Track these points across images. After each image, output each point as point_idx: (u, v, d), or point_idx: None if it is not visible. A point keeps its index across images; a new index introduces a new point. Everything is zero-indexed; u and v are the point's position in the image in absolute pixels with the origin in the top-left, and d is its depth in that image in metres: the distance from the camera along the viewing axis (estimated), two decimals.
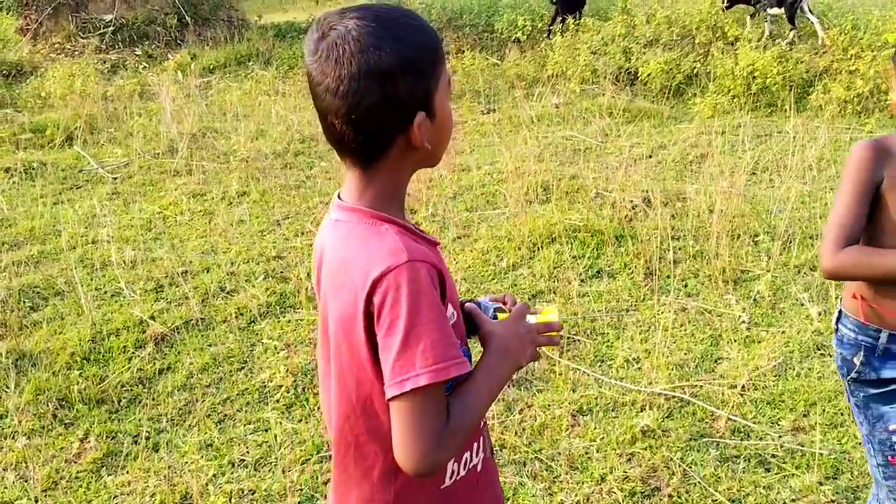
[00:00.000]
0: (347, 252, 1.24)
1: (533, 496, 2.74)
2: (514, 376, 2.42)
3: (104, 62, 10.95)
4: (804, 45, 8.43)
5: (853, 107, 7.09)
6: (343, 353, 1.25)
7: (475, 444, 1.39)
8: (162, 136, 7.16)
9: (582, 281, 4.25)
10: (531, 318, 1.41)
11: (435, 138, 1.25)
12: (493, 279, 4.34)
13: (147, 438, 3.15)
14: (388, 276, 1.15)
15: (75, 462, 3.05)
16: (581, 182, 5.54)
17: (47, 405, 3.35)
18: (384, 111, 1.18)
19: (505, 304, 1.52)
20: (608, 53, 8.89)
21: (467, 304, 1.42)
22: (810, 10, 8.91)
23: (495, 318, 1.45)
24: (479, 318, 1.39)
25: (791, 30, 9.03)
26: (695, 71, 8.26)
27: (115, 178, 6.40)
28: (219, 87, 9.50)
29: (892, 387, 1.93)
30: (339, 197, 1.30)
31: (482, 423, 1.43)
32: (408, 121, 1.20)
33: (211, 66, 10.70)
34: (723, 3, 9.39)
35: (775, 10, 9.24)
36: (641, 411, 3.14)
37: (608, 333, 3.75)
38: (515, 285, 4.25)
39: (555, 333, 1.41)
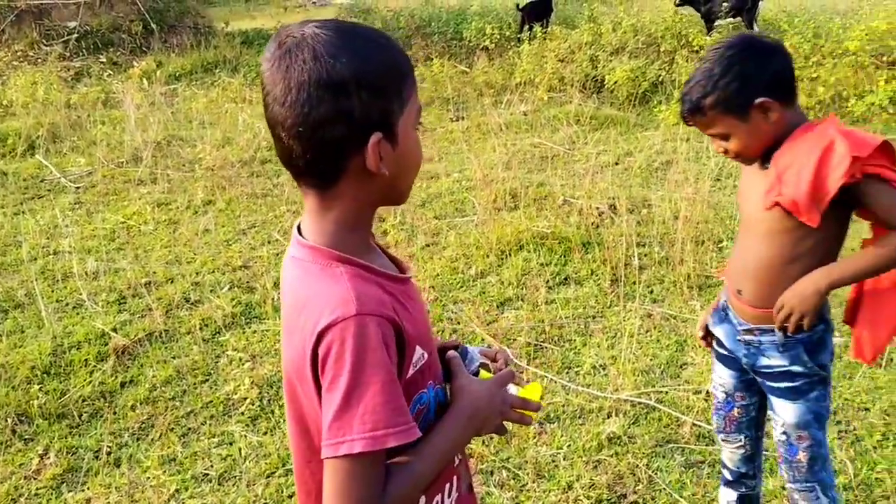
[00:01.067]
0: (300, 295, 1.18)
1: None
2: None
3: (68, 70, 10.81)
4: None
5: (815, 114, 7.18)
6: (300, 397, 1.20)
7: (447, 485, 1.33)
8: (126, 145, 7.07)
9: (549, 288, 4.25)
10: (512, 389, 1.34)
11: (397, 168, 1.16)
12: (461, 287, 4.34)
13: (108, 453, 3.10)
14: (335, 328, 1.08)
15: (35, 478, 2.99)
16: (549, 189, 5.57)
17: (6, 420, 3.28)
18: (335, 126, 1.09)
19: (495, 360, 1.46)
20: (575, 61, 8.95)
21: (450, 353, 1.36)
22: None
23: (477, 373, 1.39)
24: (456, 368, 1.32)
25: None
26: (660, 78, 8.34)
27: (78, 188, 6.31)
28: (185, 94, 9.41)
29: (716, 347, 2.26)
30: (298, 230, 1.23)
31: (457, 462, 1.37)
32: (362, 141, 1.11)
33: (177, 74, 10.60)
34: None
35: (730, 20, 9.41)
36: (608, 418, 3.15)
37: (575, 340, 3.76)
38: (484, 293, 4.25)
39: (530, 413, 1.34)
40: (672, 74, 8.27)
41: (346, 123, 1.09)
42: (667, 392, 3.30)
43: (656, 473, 2.82)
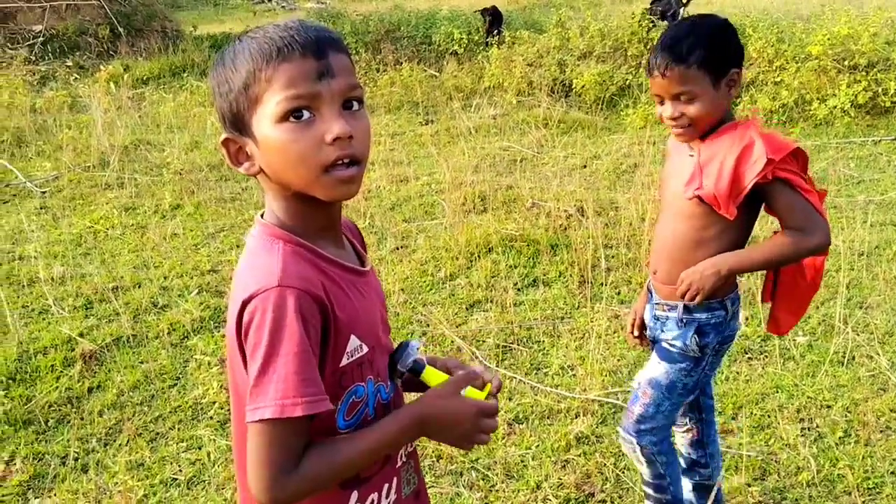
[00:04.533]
0: (240, 267, 1.25)
1: None
2: None
3: (33, 74, 10.66)
4: None
5: (779, 117, 7.31)
6: (236, 367, 1.23)
7: (385, 486, 1.35)
8: (93, 149, 7.00)
9: (518, 290, 4.29)
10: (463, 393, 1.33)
11: (266, 164, 1.21)
12: (430, 290, 4.35)
13: (76, 459, 3.07)
14: (256, 299, 1.14)
15: (0, 485, 2.95)
16: (517, 192, 5.60)
17: None
18: (221, 125, 1.25)
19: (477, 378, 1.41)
20: (543, 65, 9.01)
21: (460, 373, 1.35)
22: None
23: (414, 369, 1.36)
24: (455, 382, 1.31)
25: None
26: (627, 82, 8.42)
27: (44, 193, 6.23)
28: (152, 98, 9.33)
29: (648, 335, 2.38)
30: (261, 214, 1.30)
31: (400, 462, 1.38)
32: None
33: (144, 78, 10.51)
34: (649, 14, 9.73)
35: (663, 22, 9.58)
36: (576, 418, 3.18)
37: (544, 341, 3.79)
38: (453, 295, 4.27)
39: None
40: (639, 79, 8.35)
41: (222, 125, 1.24)
42: None
43: (624, 472, 2.86)
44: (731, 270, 2.04)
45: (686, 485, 2.46)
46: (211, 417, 3.29)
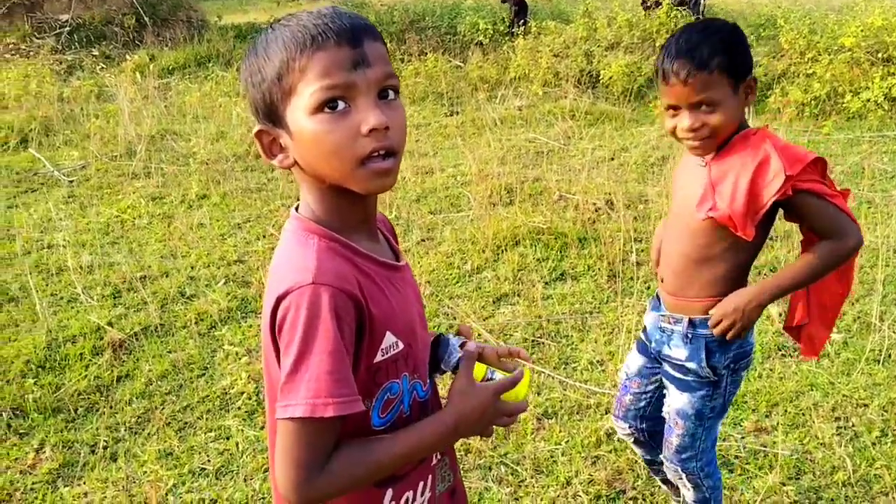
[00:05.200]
0: (274, 262, 1.22)
1: (498, 501, 2.73)
2: None
3: (60, 63, 10.75)
4: (763, 49, 8.55)
5: (811, 109, 7.20)
6: (270, 362, 1.21)
7: (421, 483, 1.33)
8: (120, 139, 7.03)
9: (546, 283, 4.25)
10: (498, 376, 1.32)
11: (300, 155, 1.17)
12: (457, 282, 4.33)
13: (105, 448, 3.08)
14: (290, 295, 1.12)
15: (30, 473, 2.96)
16: (544, 184, 5.56)
17: (1, 415, 3.25)
18: (255, 119, 1.22)
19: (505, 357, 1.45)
20: (570, 56, 8.95)
21: (469, 346, 1.35)
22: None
23: (457, 365, 1.37)
24: (463, 367, 1.30)
25: None
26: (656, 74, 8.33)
27: (72, 182, 6.27)
28: (178, 88, 9.37)
29: (641, 334, 2.34)
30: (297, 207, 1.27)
31: (435, 460, 1.37)
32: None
33: (170, 67, 10.56)
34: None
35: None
36: (606, 414, 3.14)
37: (572, 336, 3.75)
38: (480, 288, 4.24)
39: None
40: None
41: (255, 116, 1.22)
42: None
43: None
44: (773, 298, 1.96)
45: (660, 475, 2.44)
46: (239, 408, 3.28)
